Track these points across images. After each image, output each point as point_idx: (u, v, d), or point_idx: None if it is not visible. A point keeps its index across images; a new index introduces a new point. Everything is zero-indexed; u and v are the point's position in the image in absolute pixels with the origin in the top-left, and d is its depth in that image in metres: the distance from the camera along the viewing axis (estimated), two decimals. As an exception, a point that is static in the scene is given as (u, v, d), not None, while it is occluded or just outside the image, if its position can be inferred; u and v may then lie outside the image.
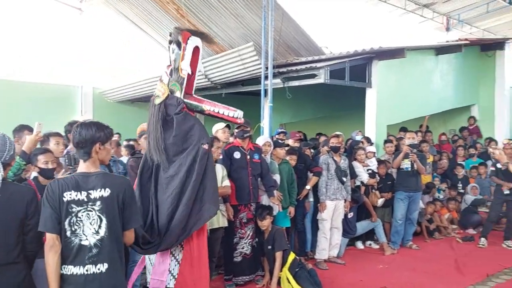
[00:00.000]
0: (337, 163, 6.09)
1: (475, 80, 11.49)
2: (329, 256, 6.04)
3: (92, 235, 2.41)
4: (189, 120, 3.23)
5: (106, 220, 2.43)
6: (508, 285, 5.28)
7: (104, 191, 2.44)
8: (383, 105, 8.63)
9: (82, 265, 2.39)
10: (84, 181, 2.45)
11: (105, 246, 2.42)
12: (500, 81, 11.46)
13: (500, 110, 11.46)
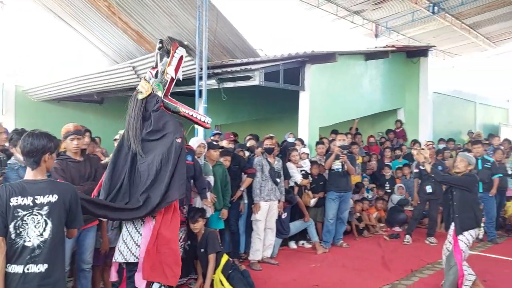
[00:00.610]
0: (271, 164, 6.19)
1: (401, 85, 12.16)
2: (263, 256, 6.11)
3: (37, 237, 2.60)
4: (165, 117, 3.60)
5: (52, 224, 2.64)
6: (430, 280, 5.63)
7: (52, 197, 2.66)
8: (316, 108, 8.89)
9: (24, 264, 2.58)
10: (30, 187, 2.66)
11: (47, 247, 2.62)
12: (424, 87, 12.21)
13: (423, 113, 12.20)
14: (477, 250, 7.21)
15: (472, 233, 4.94)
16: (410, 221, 8.04)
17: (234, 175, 6.09)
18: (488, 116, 15.69)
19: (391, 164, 9.97)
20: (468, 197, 5.04)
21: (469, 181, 5.09)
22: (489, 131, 14.34)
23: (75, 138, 4.06)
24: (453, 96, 13.78)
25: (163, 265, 3.45)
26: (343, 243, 7.28)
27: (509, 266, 6.25)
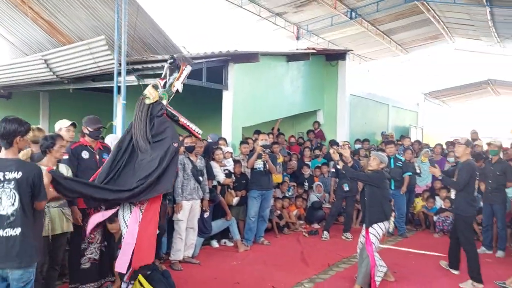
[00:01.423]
0: (193, 162, 6.18)
1: (321, 87, 12.70)
2: (184, 256, 6.09)
3: (9, 207, 3.17)
4: (166, 123, 4.14)
5: (19, 196, 3.18)
6: (346, 273, 5.95)
7: (17, 174, 3.19)
8: (239, 108, 9.02)
9: (3, 228, 3.15)
10: (2, 164, 3.20)
11: (19, 214, 3.18)
12: (341, 89, 12.84)
13: (341, 115, 12.83)
14: (388, 244, 7.74)
15: (381, 226, 5.31)
16: (328, 218, 8.44)
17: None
18: (399, 118, 16.84)
19: (310, 163, 10.37)
20: (377, 193, 5.41)
21: (377, 177, 5.47)
22: (400, 132, 15.44)
23: None
24: (368, 99, 14.61)
25: (142, 251, 3.94)
26: (264, 241, 7.46)
27: (416, 258, 6.78)
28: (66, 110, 9.80)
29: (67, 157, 4.72)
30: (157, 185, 3.91)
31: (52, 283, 4.42)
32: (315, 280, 5.59)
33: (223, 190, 7.30)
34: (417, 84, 18.30)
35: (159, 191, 3.97)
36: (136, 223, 3.93)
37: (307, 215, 9.28)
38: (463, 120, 21.99)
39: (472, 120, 21.02)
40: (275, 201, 8.35)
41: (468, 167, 5.84)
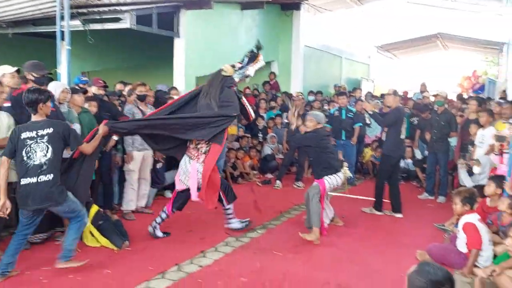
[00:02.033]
0: (144, 112, 6.01)
1: (275, 37, 12.56)
2: (137, 206, 6.06)
3: (43, 157, 3.83)
4: (234, 96, 5.09)
5: (52, 147, 3.86)
6: (296, 219, 6.16)
7: (49, 130, 3.89)
8: (192, 56, 8.79)
9: (36, 176, 3.81)
10: (34, 125, 3.90)
11: (50, 163, 3.85)
12: (296, 40, 12.78)
13: (295, 66, 12.85)
14: (338, 191, 8.02)
15: (332, 178, 5.46)
16: (280, 168, 8.60)
17: (105, 124, 5.82)
18: (352, 70, 17.08)
19: (265, 115, 10.39)
20: (318, 151, 5.49)
21: (313, 137, 5.54)
22: (352, 84, 15.70)
23: None
24: (322, 51, 14.66)
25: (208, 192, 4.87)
26: (218, 191, 7.54)
27: (364, 204, 7.08)
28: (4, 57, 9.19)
29: (9, 104, 4.47)
30: (202, 130, 4.82)
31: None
32: (268, 226, 5.76)
33: (176, 140, 7.21)
34: (369, 37, 18.46)
35: (205, 137, 4.86)
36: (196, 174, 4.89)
37: (261, 166, 9.40)
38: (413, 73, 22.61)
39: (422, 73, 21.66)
40: (229, 152, 8.37)
41: (396, 111, 6.48)
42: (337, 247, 5.06)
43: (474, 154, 6.71)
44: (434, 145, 7.63)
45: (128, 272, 4.11)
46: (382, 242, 5.30)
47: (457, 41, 16.09)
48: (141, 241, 4.96)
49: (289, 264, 4.46)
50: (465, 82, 17.08)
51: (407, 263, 4.33)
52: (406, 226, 5.98)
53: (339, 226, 5.83)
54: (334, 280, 4.10)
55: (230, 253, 4.73)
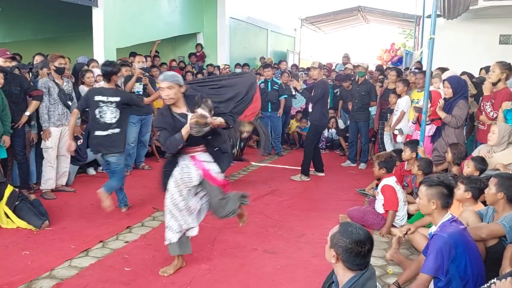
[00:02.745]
0: (60, 86, 5.67)
1: (200, 8, 12.29)
2: (57, 185, 5.77)
3: (112, 118, 4.87)
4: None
5: (119, 111, 4.90)
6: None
7: (117, 98, 4.89)
8: (111, 27, 8.38)
9: (107, 130, 4.86)
10: (106, 91, 4.92)
11: (118, 121, 4.90)
12: (221, 11, 12.59)
13: (221, 38, 12.69)
14: (266, 162, 8.17)
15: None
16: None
17: (17, 99, 5.42)
18: (278, 43, 17.21)
19: (191, 88, 10.22)
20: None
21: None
22: (279, 57, 15.85)
23: None
24: (248, 23, 14.58)
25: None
26: (145, 166, 7.38)
27: (291, 173, 7.26)
28: None
29: None
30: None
31: None
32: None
33: (97, 115, 6.90)
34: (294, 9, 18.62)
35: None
36: None
37: (188, 139, 9.28)
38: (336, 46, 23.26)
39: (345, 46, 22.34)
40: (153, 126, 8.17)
41: (322, 84, 6.85)
42: (264, 214, 5.17)
43: (391, 121, 7.11)
44: (355, 115, 7.93)
45: (48, 252, 3.93)
46: (307, 208, 5.49)
47: (376, 14, 16.67)
48: (62, 220, 4.75)
49: (217, 233, 4.50)
50: (385, 55, 17.86)
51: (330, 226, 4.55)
52: (329, 193, 6.23)
53: (267, 195, 5.94)
54: (262, 246, 4.20)
55: (157, 227, 4.67)
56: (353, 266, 2.11)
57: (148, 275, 3.55)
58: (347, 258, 2.11)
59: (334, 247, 2.14)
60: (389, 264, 3.86)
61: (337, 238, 2.13)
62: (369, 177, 6.82)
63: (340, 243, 2.11)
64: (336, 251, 2.13)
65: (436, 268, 2.77)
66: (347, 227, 2.17)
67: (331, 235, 2.19)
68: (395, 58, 16.91)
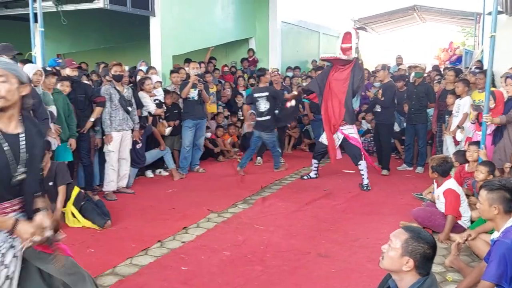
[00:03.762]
0: (120, 92, 5.94)
1: (252, 14, 12.42)
2: (118, 187, 6.04)
3: (264, 108, 7.22)
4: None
5: (269, 104, 7.23)
6: (277, 193, 6.22)
7: (266, 93, 7.22)
8: (168, 35, 8.65)
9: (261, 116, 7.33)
10: (261, 89, 7.32)
11: (268, 112, 7.23)
12: (273, 16, 12.64)
13: (273, 43, 12.74)
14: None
15: None
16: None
17: (82, 105, 5.75)
18: (330, 45, 17.00)
19: (244, 92, 10.35)
20: None
21: None
22: (331, 59, 15.64)
23: None
24: (299, 26, 14.55)
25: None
26: (200, 168, 7.54)
27: (344, 176, 7.17)
28: (-24, 41, 8.97)
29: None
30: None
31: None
32: (249, 201, 5.80)
33: (154, 120, 7.17)
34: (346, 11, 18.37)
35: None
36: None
37: (241, 143, 9.41)
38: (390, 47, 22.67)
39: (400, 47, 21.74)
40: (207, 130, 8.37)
41: (390, 88, 7.26)
42: (317, 218, 5.14)
43: (450, 123, 6.85)
44: (413, 117, 7.69)
45: (111, 250, 4.12)
46: (362, 212, 5.41)
47: (433, 13, 16.09)
48: (123, 220, 4.96)
49: (271, 236, 4.52)
50: (442, 54, 17.19)
51: (385, 231, 4.47)
52: (384, 197, 6.09)
53: (320, 199, 5.91)
54: (315, 250, 4.18)
55: (212, 229, 4.77)
56: (425, 271, 2.06)
57: (204, 275, 3.64)
58: (423, 264, 2.05)
59: (409, 254, 2.05)
60: (449, 271, 3.74)
61: (413, 244, 2.05)
62: (427, 181, 6.59)
63: (418, 249, 2.04)
64: (413, 258, 2.05)
65: (499, 275, 2.65)
66: (417, 232, 2.10)
67: (402, 242, 2.07)
68: (454, 57, 16.23)
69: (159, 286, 3.44)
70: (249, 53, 12.47)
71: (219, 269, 3.75)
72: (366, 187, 6.47)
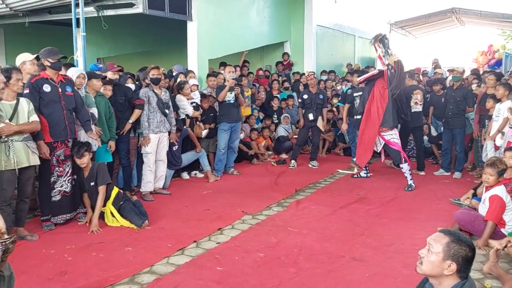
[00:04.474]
0: (158, 95, 6.09)
1: (287, 17, 12.46)
2: (155, 188, 6.17)
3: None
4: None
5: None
6: (312, 197, 6.21)
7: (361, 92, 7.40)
8: (204, 39, 8.80)
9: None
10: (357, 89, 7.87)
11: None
12: (308, 20, 12.65)
13: (308, 46, 12.74)
14: (353, 170, 8.05)
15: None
16: (295, 148, 8.59)
17: (122, 107, 5.92)
18: (366, 49, 16.85)
19: (279, 96, 10.39)
20: None
21: None
22: (366, 63, 15.50)
23: None
24: (334, 30, 14.48)
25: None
26: (234, 171, 7.61)
27: (378, 181, 7.08)
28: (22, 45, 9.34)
29: (28, 91, 4.58)
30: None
31: (22, 216, 4.44)
32: (283, 204, 5.81)
33: (191, 123, 7.30)
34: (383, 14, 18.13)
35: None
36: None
37: (275, 146, 9.45)
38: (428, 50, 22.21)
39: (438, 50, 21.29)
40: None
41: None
42: (352, 222, 5.10)
43: (490, 128, 6.65)
44: (450, 121, 7.51)
45: (148, 249, 4.22)
46: (397, 217, 5.33)
47: (472, 15, 15.70)
48: (160, 220, 5.07)
49: (304, 239, 4.52)
50: (481, 58, 16.73)
51: (421, 236, 4.39)
52: (421, 202, 5.97)
53: (354, 203, 5.87)
54: (349, 254, 4.15)
55: (246, 230, 4.81)
56: (465, 274, 2.05)
57: (238, 275, 3.68)
58: (465, 267, 2.03)
59: (451, 258, 2.03)
60: (487, 278, 3.64)
61: (455, 248, 2.02)
62: (464, 187, 6.45)
63: (460, 252, 2.02)
64: (455, 262, 2.03)
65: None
66: (457, 235, 2.07)
67: (443, 246, 2.05)
68: (493, 60, 15.76)
69: (194, 285, 3.51)
70: (284, 56, 12.51)
71: (253, 270, 3.78)
72: (410, 187, 6.63)
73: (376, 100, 6.76)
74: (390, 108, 6.66)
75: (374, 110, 6.77)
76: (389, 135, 6.78)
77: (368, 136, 6.85)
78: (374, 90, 6.84)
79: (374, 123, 6.76)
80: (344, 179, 7.44)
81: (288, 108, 10.11)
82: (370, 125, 6.82)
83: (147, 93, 6.02)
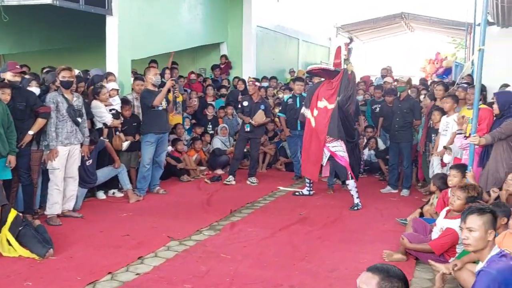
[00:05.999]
0: (69, 101, 5.85)
1: (224, 16, 12.53)
2: (63, 210, 5.92)
3: None
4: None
5: None
6: (249, 218, 6.22)
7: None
8: (126, 37, 8.60)
9: None
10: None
11: None
12: (247, 19, 12.79)
13: (247, 49, 12.86)
14: (295, 187, 8.16)
15: None
16: (232, 162, 8.58)
17: (22, 115, 5.61)
18: (310, 53, 17.33)
19: (214, 104, 10.36)
20: None
21: None
22: (310, 69, 15.89)
23: None
24: (276, 32, 14.76)
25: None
26: (160, 189, 7.48)
27: (321, 200, 7.24)
28: None
29: None
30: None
31: None
32: (216, 227, 5.77)
33: (110, 133, 7.09)
34: (329, 16, 18.77)
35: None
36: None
37: (210, 160, 9.38)
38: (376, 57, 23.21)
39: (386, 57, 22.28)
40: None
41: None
42: (291, 245, 5.15)
43: (437, 143, 6.98)
44: (396, 134, 7.81)
45: (53, 284, 4.02)
46: (340, 239, 5.45)
47: (422, 21, 16.64)
48: (68, 248, 4.85)
49: (238, 266, 4.50)
50: (428, 66, 17.67)
51: (366, 260, 4.51)
52: (366, 223, 6.16)
53: (295, 224, 5.93)
54: (287, 282, 4.18)
55: (171, 258, 4.72)
56: None
57: (159, 312, 3.59)
58: None
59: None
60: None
61: (387, 286, 2.06)
62: (412, 205, 6.74)
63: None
64: None
65: (484, 308, 2.70)
66: (385, 272, 2.09)
67: (377, 282, 2.08)
68: (441, 69, 16.67)
69: (106, 325, 3.37)
70: (222, 59, 12.52)
71: (177, 305, 3.70)
72: (356, 206, 6.77)
73: (320, 108, 6.88)
74: (336, 115, 6.73)
75: (319, 118, 6.89)
76: (334, 146, 6.86)
77: (315, 147, 6.95)
78: (318, 93, 6.93)
79: (319, 131, 6.86)
80: (285, 197, 7.53)
81: (228, 117, 10.10)
82: (314, 134, 6.95)
83: (56, 98, 5.77)
